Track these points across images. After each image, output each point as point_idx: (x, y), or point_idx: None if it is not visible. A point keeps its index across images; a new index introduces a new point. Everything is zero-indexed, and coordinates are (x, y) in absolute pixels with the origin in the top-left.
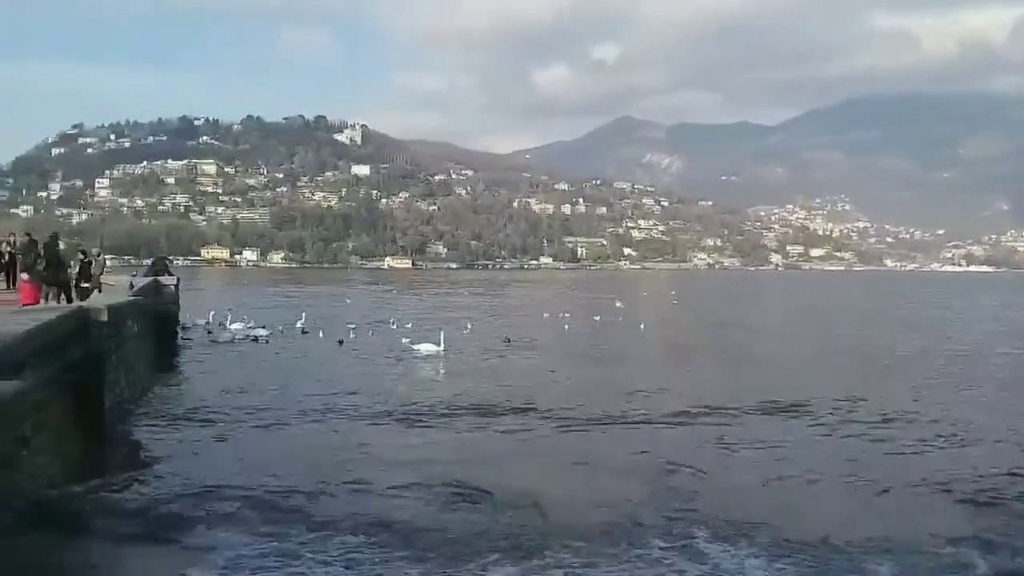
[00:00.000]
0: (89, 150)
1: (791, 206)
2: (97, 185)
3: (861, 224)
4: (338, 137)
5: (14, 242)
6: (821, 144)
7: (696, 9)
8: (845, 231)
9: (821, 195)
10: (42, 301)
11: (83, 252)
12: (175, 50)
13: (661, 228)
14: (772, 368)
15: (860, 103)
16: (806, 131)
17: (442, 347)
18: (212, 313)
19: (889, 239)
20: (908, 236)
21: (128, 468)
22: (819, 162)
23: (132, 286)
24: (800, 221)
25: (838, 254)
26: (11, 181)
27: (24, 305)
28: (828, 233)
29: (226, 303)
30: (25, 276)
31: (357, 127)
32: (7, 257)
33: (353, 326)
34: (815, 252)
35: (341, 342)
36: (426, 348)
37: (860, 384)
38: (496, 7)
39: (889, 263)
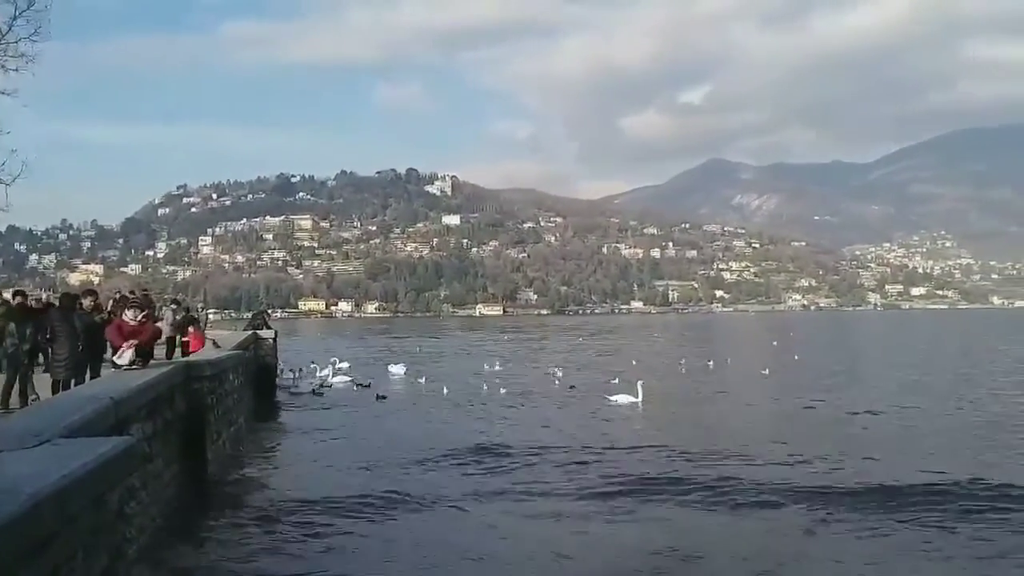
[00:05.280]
0: (193, 209)
1: (888, 244)
2: (200, 243)
3: (964, 261)
4: (429, 188)
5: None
6: (920, 179)
7: (791, 48)
8: (947, 268)
9: (919, 232)
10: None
11: (187, 309)
12: (272, 109)
13: (753, 269)
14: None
15: (962, 136)
16: (904, 167)
17: (640, 398)
18: (313, 365)
19: (995, 275)
20: (1015, 272)
21: (230, 517)
22: (918, 198)
23: (216, 344)
24: (899, 259)
25: (940, 292)
26: (121, 241)
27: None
28: (929, 271)
29: (323, 354)
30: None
31: (447, 178)
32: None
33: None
34: (915, 291)
35: (382, 397)
36: (623, 399)
37: None
38: (591, 55)
39: (996, 300)
